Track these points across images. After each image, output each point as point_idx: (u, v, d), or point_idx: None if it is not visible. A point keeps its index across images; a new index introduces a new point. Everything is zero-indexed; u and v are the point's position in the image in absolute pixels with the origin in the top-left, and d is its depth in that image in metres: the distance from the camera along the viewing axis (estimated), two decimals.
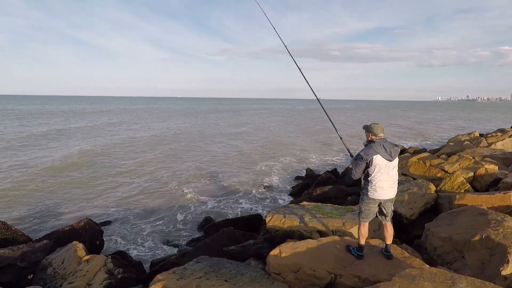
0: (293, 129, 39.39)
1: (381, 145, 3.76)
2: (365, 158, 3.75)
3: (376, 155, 3.72)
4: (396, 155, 3.84)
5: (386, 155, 3.75)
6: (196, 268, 4.27)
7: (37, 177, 14.62)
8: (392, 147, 3.81)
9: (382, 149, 3.75)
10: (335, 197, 9.16)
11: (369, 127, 3.91)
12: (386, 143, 3.81)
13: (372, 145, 3.79)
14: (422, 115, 73.66)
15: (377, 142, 3.79)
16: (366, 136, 3.97)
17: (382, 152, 3.74)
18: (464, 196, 5.70)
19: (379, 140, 3.82)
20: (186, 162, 18.68)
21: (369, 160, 3.74)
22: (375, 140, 3.82)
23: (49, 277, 5.46)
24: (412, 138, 30.85)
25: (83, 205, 11.29)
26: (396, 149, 3.85)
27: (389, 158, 3.77)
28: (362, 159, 3.77)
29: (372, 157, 3.73)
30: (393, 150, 3.81)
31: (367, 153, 3.76)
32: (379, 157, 3.73)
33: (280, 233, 5.47)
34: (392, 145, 3.84)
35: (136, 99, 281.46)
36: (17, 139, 25.53)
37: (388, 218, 4.04)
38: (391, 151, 3.79)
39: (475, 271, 3.88)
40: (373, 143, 3.80)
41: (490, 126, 42.78)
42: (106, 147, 22.77)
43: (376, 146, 3.76)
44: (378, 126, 3.89)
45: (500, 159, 9.46)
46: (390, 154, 3.77)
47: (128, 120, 48.82)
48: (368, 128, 3.94)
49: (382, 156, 3.73)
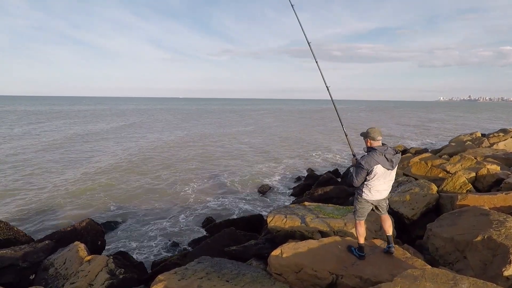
0: (294, 129, 39.35)
1: (383, 154, 3.68)
2: (366, 168, 3.71)
3: (377, 164, 3.67)
4: (397, 163, 3.79)
5: (387, 164, 3.70)
6: (198, 269, 4.27)
7: (38, 177, 14.67)
8: (393, 156, 3.73)
9: (383, 159, 3.68)
10: (337, 197, 9.15)
11: (367, 133, 3.85)
12: (388, 151, 3.73)
13: (373, 154, 3.70)
14: (425, 115, 73.48)
15: (378, 151, 3.70)
16: (365, 142, 3.90)
17: (383, 162, 3.68)
18: (466, 197, 5.68)
19: (380, 147, 3.74)
20: (188, 162, 18.70)
21: (370, 170, 3.71)
22: (376, 148, 3.74)
23: (51, 277, 5.47)
24: (413, 138, 30.79)
25: (84, 205, 11.31)
26: (397, 156, 3.78)
27: (389, 167, 3.73)
28: (364, 168, 3.72)
29: (373, 167, 3.68)
30: (394, 158, 3.73)
31: (368, 163, 3.69)
32: (380, 167, 3.69)
33: (282, 234, 5.47)
34: (393, 153, 3.75)
35: (137, 99, 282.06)
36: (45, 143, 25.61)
37: (384, 212, 4.08)
38: (393, 160, 3.72)
39: (477, 271, 3.86)
40: (375, 152, 3.71)
41: (492, 126, 42.66)
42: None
43: (377, 156, 3.68)
44: (375, 130, 3.82)
45: (502, 160, 9.42)
46: (391, 163, 3.72)
47: (141, 122, 48.82)
48: (365, 134, 3.88)
49: (383, 166, 3.69)
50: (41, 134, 29.84)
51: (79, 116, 55.44)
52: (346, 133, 4.72)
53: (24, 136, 27.97)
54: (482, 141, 14.14)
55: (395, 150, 3.82)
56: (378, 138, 3.78)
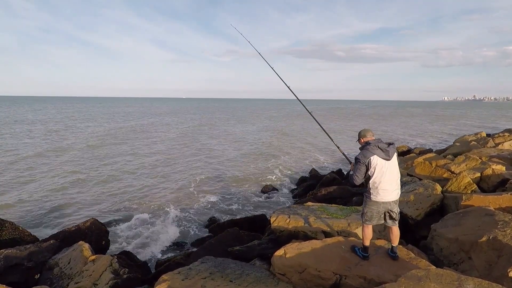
0: (297, 129, 39.31)
1: (376, 146, 3.81)
2: (363, 161, 3.80)
3: (373, 155, 3.77)
4: (393, 153, 3.86)
5: (383, 154, 3.78)
6: (201, 268, 4.28)
7: (41, 177, 14.78)
8: (387, 146, 3.85)
9: (377, 150, 3.79)
10: (340, 197, 9.12)
11: (359, 134, 4.11)
12: (381, 143, 3.86)
13: (367, 147, 3.86)
14: (428, 115, 73.08)
15: (372, 144, 3.84)
16: (359, 143, 4.09)
17: (378, 152, 3.78)
18: (471, 197, 5.65)
19: (373, 141, 3.90)
20: (191, 162, 18.74)
21: (367, 162, 3.79)
22: (369, 142, 3.89)
23: (56, 276, 5.51)
24: (417, 138, 30.64)
25: (88, 205, 11.37)
26: (392, 147, 3.88)
27: (386, 157, 3.79)
28: (360, 162, 3.82)
29: (369, 158, 3.77)
30: (390, 148, 3.83)
31: (364, 155, 3.82)
32: (376, 158, 3.77)
33: (285, 234, 5.46)
34: (387, 144, 3.87)
35: (142, 100, 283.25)
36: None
37: (394, 222, 4.00)
38: (388, 150, 3.81)
39: (482, 272, 3.84)
40: (368, 145, 3.86)
41: (497, 126, 42.32)
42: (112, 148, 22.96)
43: (371, 148, 3.81)
44: (368, 130, 4.07)
45: (507, 160, 9.34)
46: (387, 153, 3.80)
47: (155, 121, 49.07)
48: (359, 135, 4.11)
49: (379, 156, 3.77)
50: (36, 137, 30.06)
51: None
52: (337, 145, 5.17)
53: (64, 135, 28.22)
54: (487, 141, 14.02)
55: (388, 143, 3.95)
56: (368, 135, 4.00)
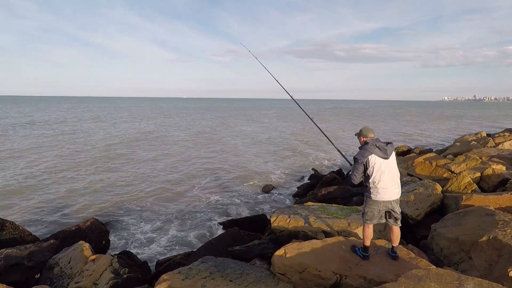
0: (298, 128, 39.31)
1: (374, 145, 3.82)
2: (361, 160, 3.81)
3: (371, 155, 3.78)
4: (392, 152, 3.88)
5: (381, 153, 3.80)
6: (202, 268, 4.28)
7: (42, 177, 14.78)
8: (385, 145, 3.86)
9: (376, 149, 3.80)
10: (340, 197, 9.12)
11: (360, 132, 4.08)
12: (379, 142, 3.87)
13: (366, 146, 3.86)
14: (428, 115, 73.07)
15: (370, 143, 3.85)
16: (359, 141, 4.08)
17: (376, 151, 3.79)
18: (471, 197, 5.65)
19: (371, 140, 3.90)
20: (191, 162, 18.74)
21: (365, 161, 3.80)
22: (368, 142, 3.90)
23: (56, 276, 5.52)
24: (417, 138, 30.63)
25: (89, 205, 11.37)
26: (391, 146, 3.89)
27: (384, 156, 3.80)
28: (359, 161, 3.83)
29: (367, 157, 3.79)
30: (388, 147, 3.85)
31: (362, 155, 3.83)
32: (374, 157, 3.78)
33: (285, 234, 5.46)
34: (385, 143, 3.88)
35: (144, 100, 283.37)
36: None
37: (398, 222, 3.98)
38: (386, 149, 3.83)
39: (482, 272, 3.84)
40: (367, 145, 3.87)
41: (497, 125, 42.30)
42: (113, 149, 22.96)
43: (370, 147, 3.82)
44: (368, 129, 4.04)
45: (507, 159, 9.34)
46: (385, 152, 3.81)
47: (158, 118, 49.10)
48: (359, 133, 4.09)
49: (377, 155, 3.78)
50: (33, 136, 30.07)
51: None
52: (338, 149, 5.20)
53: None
54: (487, 141, 14.03)
55: (387, 142, 3.95)
56: (370, 135, 3.97)
